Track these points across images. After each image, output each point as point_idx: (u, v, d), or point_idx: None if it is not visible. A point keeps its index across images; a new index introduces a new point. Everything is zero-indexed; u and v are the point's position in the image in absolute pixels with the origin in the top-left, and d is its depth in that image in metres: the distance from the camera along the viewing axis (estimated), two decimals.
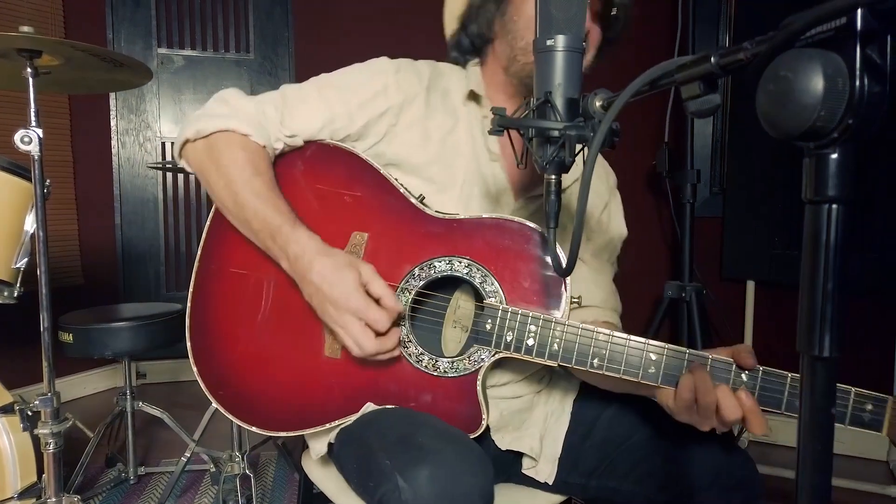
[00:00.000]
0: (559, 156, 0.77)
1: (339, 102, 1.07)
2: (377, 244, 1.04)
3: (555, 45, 0.76)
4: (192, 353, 1.07)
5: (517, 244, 0.99)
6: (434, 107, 1.10)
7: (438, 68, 1.15)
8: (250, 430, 1.03)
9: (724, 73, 0.54)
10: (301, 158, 1.09)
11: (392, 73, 1.09)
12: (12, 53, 1.21)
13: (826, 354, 0.43)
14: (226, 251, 1.08)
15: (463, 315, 1.09)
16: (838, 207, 0.43)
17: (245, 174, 1.00)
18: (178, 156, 1.10)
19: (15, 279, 1.47)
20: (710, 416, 0.82)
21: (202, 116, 1.05)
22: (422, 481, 0.80)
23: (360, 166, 1.07)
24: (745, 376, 0.85)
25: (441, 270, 1.01)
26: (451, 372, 0.99)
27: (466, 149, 1.10)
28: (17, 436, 1.51)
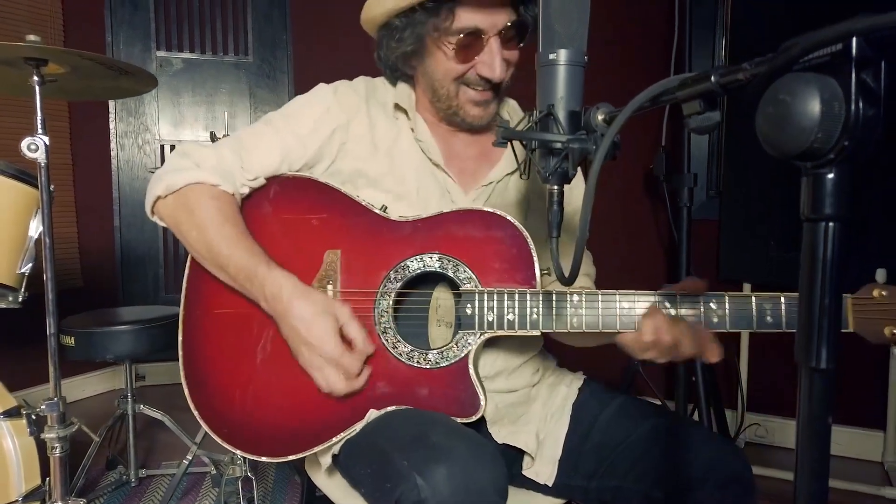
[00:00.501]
0: (562, 167, 0.79)
1: (290, 133, 1.12)
2: (350, 258, 1.08)
3: (557, 59, 0.78)
4: (190, 395, 1.09)
5: (480, 230, 1.05)
6: (376, 118, 1.16)
7: (373, 83, 1.20)
8: (259, 460, 1.06)
9: (724, 91, 0.56)
10: (266, 195, 1.14)
11: (331, 94, 1.15)
12: (19, 62, 1.23)
13: (823, 366, 0.45)
14: (207, 295, 1.11)
15: (445, 311, 1.13)
16: (835, 225, 0.45)
17: (216, 222, 1.05)
18: (151, 213, 1.13)
19: (19, 284, 1.48)
20: (669, 352, 0.93)
21: (168, 172, 1.09)
22: (439, 479, 0.83)
23: (321, 190, 1.12)
24: (714, 304, 0.95)
25: (415, 269, 1.06)
26: (442, 361, 1.03)
27: (412, 157, 1.15)
28: (21, 439, 1.52)
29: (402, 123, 1.17)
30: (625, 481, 1.07)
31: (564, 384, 1.20)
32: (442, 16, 1.02)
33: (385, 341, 1.05)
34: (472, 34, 1.03)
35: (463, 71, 1.07)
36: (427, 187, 1.14)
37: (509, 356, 1.13)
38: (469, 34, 1.03)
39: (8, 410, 1.52)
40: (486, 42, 1.04)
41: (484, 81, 1.07)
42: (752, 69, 0.52)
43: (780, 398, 2.57)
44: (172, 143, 3.40)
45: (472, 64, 1.06)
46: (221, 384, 1.09)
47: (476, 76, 1.07)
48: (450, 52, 1.05)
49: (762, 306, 0.94)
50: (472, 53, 1.05)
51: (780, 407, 2.57)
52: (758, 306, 0.94)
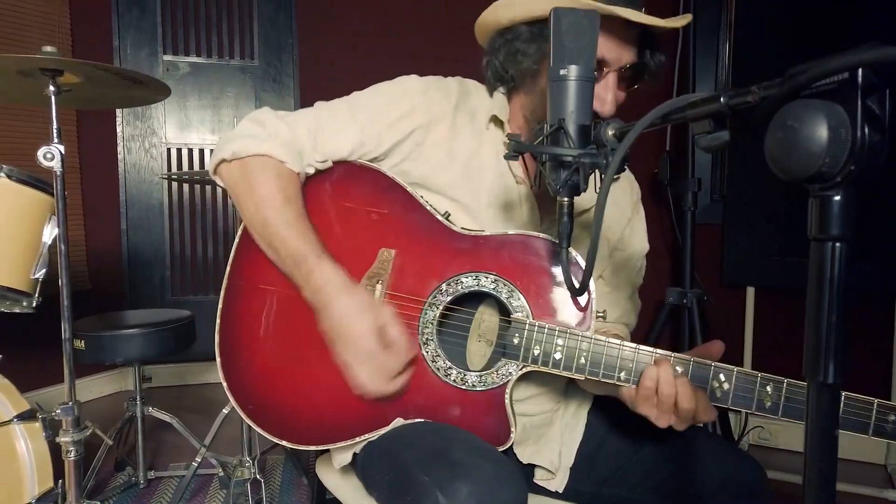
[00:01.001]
0: (572, 179, 0.81)
1: (368, 124, 1.08)
2: (404, 260, 1.06)
3: (567, 75, 0.80)
4: (222, 367, 1.08)
5: (542, 260, 1.02)
6: (460, 127, 1.11)
7: (466, 87, 1.15)
8: (280, 443, 1.05)
9: (733, 113, 0.57)
10: (329, 178, 1.11)
11: (420, 93, 1.10)
12: (35, 72, 1.25)
13: (830, 381, 0.47)
14: (254, 268, 1.10)
15: (487, 329, 1.11)
16: (841, 245, 0.47)
17: (276, 201, 1.02)
18: (213, 173, 1.11)
19: (33, 289, 1.50)
20: (668, 409, 0.90)
21: (238, 137, 1.06)
22: (462, 497, 0.82)
23: (387, 184, 1.09)
24: (723, 377, 0.92)
25: (468, 286, 1.03)
26: (479, 385, 1.01)
27: (491, 170, 1.11)
28: (34, 442, 1.54)
29: (492, 135, 1.12)
30: (636, 491, 1.08)
31: (579, 394, 1.21)
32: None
33: (425, 353, 1.03)
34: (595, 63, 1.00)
35: None
36: (497, 205, 1.11)
37: (540, 385, 1.13)
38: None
39: (21, 414, 1.54)
40: (605, 76, 1.01)
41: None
42: (761, 92, 0.54)
43: None
44: (179, 147, 3.42)
45: None
46: (254, 360, 1.08)
47: None
48: None
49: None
50: None
51: None
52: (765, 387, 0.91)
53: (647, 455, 1.08)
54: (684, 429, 0.92)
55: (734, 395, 0.91)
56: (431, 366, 1.03)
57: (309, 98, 3.40)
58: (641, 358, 0.95)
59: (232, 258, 1.12)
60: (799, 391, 0.89)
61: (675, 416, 0.90)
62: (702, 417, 0.90)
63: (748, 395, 0.91)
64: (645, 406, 0.92)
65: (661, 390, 0.90)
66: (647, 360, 0.94)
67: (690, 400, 0.89)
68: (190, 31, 3.38)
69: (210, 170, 1.12)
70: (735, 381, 0.92)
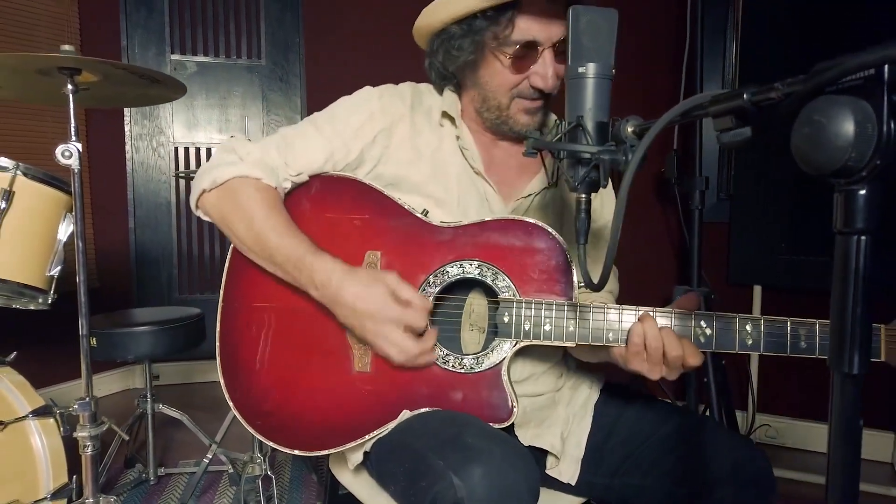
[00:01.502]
0: (590, 176, 0.82)
1: (335, 135, 1.14)
2: (390, 259, 1.10)
3: (586, 73, 0.81)
4: (226, 387, 1.11)
5: (521, 240, 1.07)
6: (419, 126, 1.17)
7: (419, 89, 1.22)
8: (292, 453, 1.08)
9: (756, 109, 0.58)
10: (308, 193, 1.16)
11: (376, 99, 1.17)
12: (54, 71, 1.26)
13: (856, 372, 0.48)
14: (246, 289, 1.14)
15: (478, 316, 1.15)
16: (866, 238, 0.48)
17: (263, 212, 1.07)
18: (195, 207, 1.15)
19: (49, 286, 1.52)
20: (658, 360, 0.95)
21: (214, 167, 1.11)
22: (476, 479, 0.85)
23: (364, 190, 1.14)
24: (704, 323, 0.98)
25: (454, 275, 1.08)
26: (477, 367, 1.05)
27: (454, 164, 1.17)
28: (49, 438, 1.55)
29: (447, 131, 1.19)
30: (647, 479, 1.10)
31: (586, 385, 1.23)
32: (502, 24, 1.03)
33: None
34: (528, 45, 1.04)
35: (517, 81, 1.08)
36: (467, 195, 1.16)
37: (536, 362, 1.16)
38: (525, 45, 1.04)
39: (36, 410, 1.55)
40: (541, 54, 1.06)
41: (536, 91, 1.08)
42: (785, 88, 0.54)
43: (790, 399, 2.59)
44: (186, 146, 3.44)
45: (527, 75, 1.07)
46: (257, 376, 1.11)
47: (528, 87, 1.08)
48: (506, 62, 1.06)
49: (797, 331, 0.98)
50: (526, 64, 1.06)
51: (790, 408, 2.59)
52: (792, 331, 0.98)
53: (656, 442, 1.10)
54: (676, 377, 0.98)
55: (717, 338, 0.98)
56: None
57: (315, 97, 3.44)
58: (625, 318, 1.00)
59: (224, 283, 1.15)
60: (777, 326, 0.97)
61: (665, 366, 0.96)
62: (690, 362, 0.95)
63: (730, 336, 0.98)
64: (636, 361, 0.98)
65: (649, 344, 0.95)
66: (631, 319, 0.99)
67: (677, 347, 0.94)
68: (197, 31, 3.39)
69: (193, 204, 1.16)
70: (716, 325, 0.98)
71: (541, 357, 1.16)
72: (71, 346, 2.08)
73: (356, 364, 1.08)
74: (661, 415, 1.14)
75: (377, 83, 1.21)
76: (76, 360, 1.72)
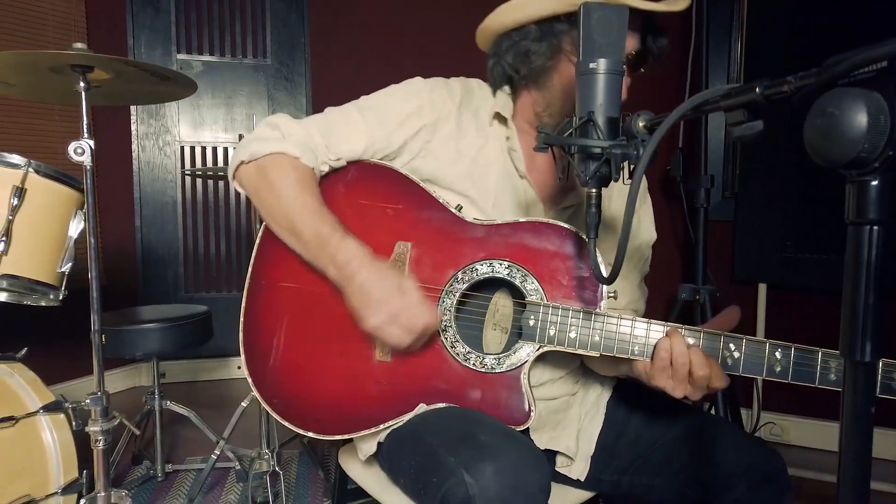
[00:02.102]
0: (601, 171, 0.83)
1: (378, 125, 1.13)
2: (420, 252, 1.10)
3: (597, 69, 0.82)
4: (247, 363, 1.11)
5: (553, 245, 1.06)
6: (465, 126, 1.16)
7: (469, 86, 1.20)
8: (306, 435, 1.08)
9: (768, 102, 0.59)
10: (344, 178, 1.15)
11: (426, 92, 1.15)
12: (66, 69, 1.27)
13: (867, 359, 0.49)
14: (275, 267, 1.14)
15: (502, 317, 1.14)
16: (878, 229, 0.49)
17: (295, 191, 1.07)
18: (232, 177, 1.16)
19: (60, 283, 1.53)
20: (683, 378, 0.94)
21: (254, 140, 1.11)
22: (487, 476, 0.85)
23: (400, 181, 1.14)
24: (733, 346, 0.97)
25: (483, 273, 1.07)
26: (497, 368, 1.05)
27: (497, 166, 1.16)
28: (60, 433, 1.57)
29: (496, 132, 1.17)
30: (657, 479, 1.10)
31: (598, 383, 1.23)
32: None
33: (444, 339, 1.06)
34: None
35: None
36: (504, 198, 1.15)
37: (555, 367, 1.16)
38: None
39: (47, 405, 1.57)
40: None
41: None
42: (797, 82, 0.55)
43: (795, 397, 2.59)
44: (192, 145, 3.45)
45: None
46: (278, 356, 1.11)
47: None
48: None
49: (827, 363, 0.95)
50: None
51: (795, 406, 2.60)
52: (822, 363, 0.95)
53: (667, 442, 1.10)
54: (699, 397, 0.96)
55: (745, 362, 0.96)
56: (451, 351, 1.06)
57: (321, 96, 3.45)
58: (653, 332, 0.99)
59: (253, 259, 1.15)
60: (807, 356, 0.95)
61: (690, 385, 0.94)
62: (715, 384, 0.94)
63: (758, 362, 0.95)
64: (661, 378, 0.96)
65: (676, 360, 0.94)
66: (659, 334, 0.98)
67: (704, 367, 0.93)
68: (203, 31, 3.41)
69: (230, 175, 1.16)
70: (745, 350, 0.96)
71: (560, 363, 1.16)
72: (77, 343, 2.10)
73: (377, 354, 1.08)
74: (673, 415, 1.14)
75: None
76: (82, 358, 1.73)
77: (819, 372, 0.94)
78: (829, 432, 2.53)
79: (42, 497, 1.50)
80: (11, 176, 1.42)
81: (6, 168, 1.42)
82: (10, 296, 1.58)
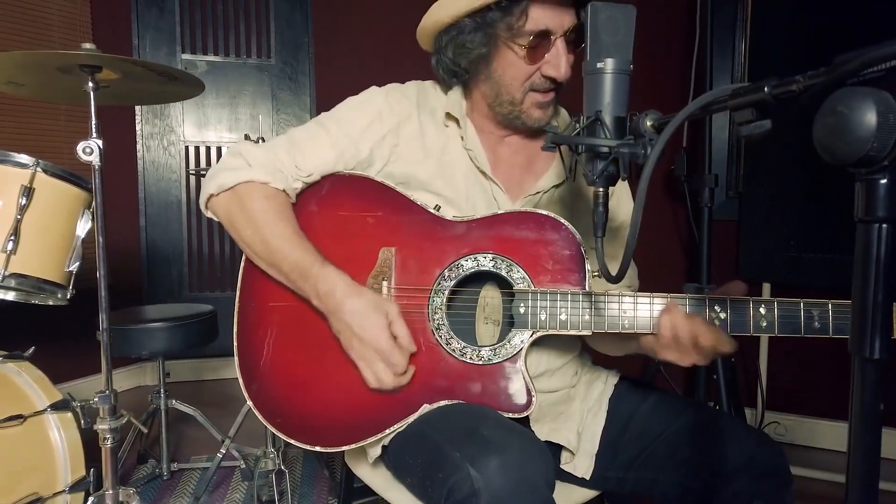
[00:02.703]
0: (609, 170, 0.83)
1: (342, 135, 1.15)
2: (405, 255, 1.11)
3: (604, 68, 0.82)
4: (246, 386, 1.12)
5: (534, 232, 1.09)
6: (426, 125, 1.19)
7: (424, 88, 1.23)
8: (313, 450, 1.09)
9: (777, 101, 0.59)
10: (320, 192, 1.17)
11: (382, 98, 1.18)
12: (75, 69, 1.28)
13: (876, 356, 0.49)
14: (262, 289, 1.15)
15: (492, 309, 1.16)
16: (887, 227, 0.49)
17: (270, 220, 1.09)
18: (205, 208, 1.17)
19: (67, 282, 1.54)
20: (689, 349, 0.96)
21: (221, 171, 1.13)
22: (492, 470, 0.86)
23: (376, 188, 1.15)
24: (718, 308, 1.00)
25: (468, 268, 1.09)
26: (494, 358, 1.06)
27: (461, 164, 1.18)
28: (67, 431, 1.57)
29: (452, 131, 1.19)
30: (661, 472, 1.10)
31: (601, 381, 1.24)
32: (515, 15, 1.04)
33: (439, 337, 1.08)
34: (541, 35, 1.04)
35: (531, 72, 1.08)
36: (475, 194, 1.17)
37: (552, 357, 1.17)
38: (539, 35, 1.04)
39: (55, 403, 1.57)
40: (553, 43, 1.06)
41: (549, 81, 1.09)
42: (806, 81, 0.55)
43: (799, 397, 2.59)
44: (197, 145, 3.46)
45: (539, 65, 1.07)
46: (276, 375, 1.12)
47: (541, 77, 1.08)
48: (520, 53, 1.06)
49: (810, 312, 0.98)
50: (540, 54, 1.06)
51: (799, 405, 2.60)
52: (805, 312, 0.98)
53: (670, 436, 1.11)
54: (708, 363, 0.99)
55: (732, 322, 0.99)
56: (446, 348, 1.08)
57: (324, 96, 3.46)
58: (640, 304, 1.01)
59: (240, 284, 1.17)
60: (790, 308, 0.98)
61: (697, 353, 0.96)
62: (723, 349, 0.96)
63: (744, 320, 0.99)
64: (668, 353, 0.99)
65: (680, 334, 0.96)
66: (647, 306, 1.01)
67: (708, 335, 0.95)
68: (208, 31, 3.42)
69: (202, 206, 1.17)
70: (730, 310, 0.99)
71: (557, 353, 1.17)
72: (80, 343, 2.12)
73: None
74: (676, 409, 1.14)
75: (386, 82, 1.21)
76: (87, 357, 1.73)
77: (803, 322, 0.98)
78: (832, 432, 2.53)
79: (50, 495, 1.51)
80: (20, 175, 1.43)
81: (15, 168, 1.43)
82: (18, 295, 1.59)
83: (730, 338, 0.97)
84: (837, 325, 0.98)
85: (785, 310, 0.98)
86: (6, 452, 1.46)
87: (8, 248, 1.39)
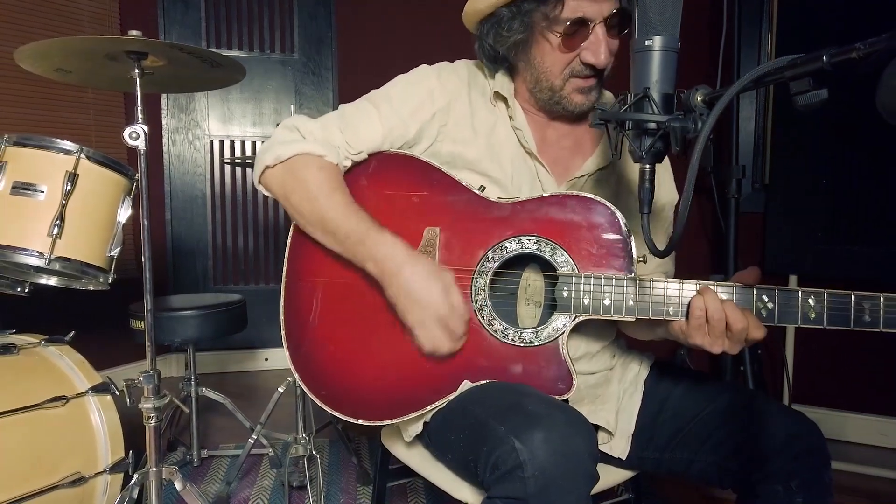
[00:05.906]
0: (656, 146, 0.85)
1: (393, 114, 1.16)
2: (449, 235, 1.12)
3: (653, 45, 0.83)
4: (292, 360, 1.14)
5: (579, 215, 1.09)
6: (476, 104, 1.20)
7: (474, 68, 1.23)
8: (356, 423, 1.10)
9: (835, 70, 0.60)
10: (367, 170, 1.18)
11: (434, 77, 1.19)
12: (122, 56, 1.31)
13: None
14: (309, 265, 1.17)
15: (534, 291, 1.17)
16: None
17: (325, 190, 1.10)
18: (258, 182, 1.18)
19: (109, 266, 1.57)
20: (720, 333, 0.95)
21: (276, 144, 1.14)
22: (537, 443, 0.87)
23: (421, 167, 1.16)
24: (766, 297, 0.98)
25: (512, 250, 1.10)
26: (536, 341, 1.07)
27: (509, 144, 1.19)
28: (107, 413, 1.61)
29: (500, 111, 1.20)
30: (699, 453, 1.11)
31: (636, 363, 1.25)
32: (551, 4, 1.04)
33: (481, 318, 1.09)
34: (578, 22, 1.05)
35: (569, 60, 1.09)
36: (520, 175, 1.18)
37: (591, 341, 1.18)
38: (576, 23, 1.05)
39: (95, 386, 1.61)
40: (592, 30, 1.06)
41: (589, 68, 1.09)
42: (867, 48, 0.57)
43: (826, 390, 2.58)
44: (221, 139, 3.51)
45: (578, 52, 1.08)
46: (322, 349, 1.14)
47: (581, 64, 1.09)
48: (556, 41, 1.07)
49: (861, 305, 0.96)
50: (577, 41, 1.07)
51: (825, 398, 2.58)
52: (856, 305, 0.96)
53: (707, 416, 1.11)
54: (737, 351, 0.98)
55: (779, 312, 0.98)
56: (489, 329, 1.09)
57: (347, 91, 3.49)
58: (685, 291, 1.01)
59: (287, 258, 1.18)
60: (840, 299, 0.96)
61: (728, 339, 0.96)
62: (754, 335, 0.95)
63: (793, 310, 0.97)
64: (697, 335, 0.98)
65: (711, 316, 0.95)
66: (692, 292, 1.00)
67: (740, 319, 0.94)
68: (232, 26, 3.46)
69: (255, 180, 1.19)
70: (778, 299, 0.98)
71: (595, 336, 1.18)
72: (119, 332, 2.15)
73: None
74: (712, 391, 1.15)
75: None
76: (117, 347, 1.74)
77: (853, 315, 0.96)
78: (858, 425, 2.52)
79: (91, 475, 1.54)
80: (65, 162, 1.47)
81: (60, 154, 1.47)
82: (60, 280, 1.63)
83: (762, 325, 0.96)
84: (889, 318, 0.96)
85: (836, 302, 0.96)
86: (50, 432, 1.50)
87: (54, 232, 1.42)
